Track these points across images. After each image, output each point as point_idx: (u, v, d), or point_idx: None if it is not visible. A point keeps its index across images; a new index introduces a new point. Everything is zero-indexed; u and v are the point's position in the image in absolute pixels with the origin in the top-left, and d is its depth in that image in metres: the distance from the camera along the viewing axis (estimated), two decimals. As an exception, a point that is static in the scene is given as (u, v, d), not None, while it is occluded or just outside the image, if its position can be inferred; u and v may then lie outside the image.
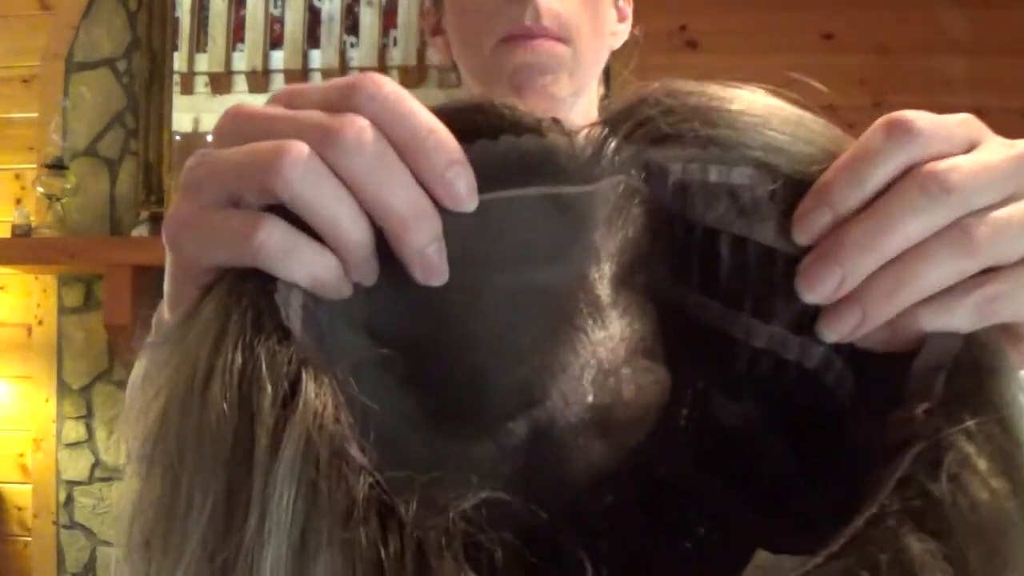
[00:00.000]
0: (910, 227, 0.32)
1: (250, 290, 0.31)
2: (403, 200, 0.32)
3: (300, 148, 0.31)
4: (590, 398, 0.38)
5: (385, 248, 0.33)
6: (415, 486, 0.27)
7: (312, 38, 2.47)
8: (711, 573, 0.36)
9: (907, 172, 0.32)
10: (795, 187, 0.34)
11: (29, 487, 2.43)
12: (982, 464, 0.28)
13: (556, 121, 0.35)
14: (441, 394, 0.37)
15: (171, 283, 0.36)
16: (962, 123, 0.34)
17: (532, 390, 0.38)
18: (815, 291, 0.33)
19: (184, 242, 0.34)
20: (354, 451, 0.27)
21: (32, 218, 2.37)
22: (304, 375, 0.28)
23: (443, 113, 0.34)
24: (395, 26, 2.44)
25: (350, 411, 0.29)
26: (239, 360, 0.28)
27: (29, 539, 2.43)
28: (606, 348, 0.38)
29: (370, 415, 0.32)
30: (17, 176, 2.52)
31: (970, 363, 0.31)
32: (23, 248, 2.31)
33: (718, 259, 0.36)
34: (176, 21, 2.45)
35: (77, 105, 2.46)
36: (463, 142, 0.33)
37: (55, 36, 2.48)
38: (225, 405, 0.27)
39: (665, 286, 0.38)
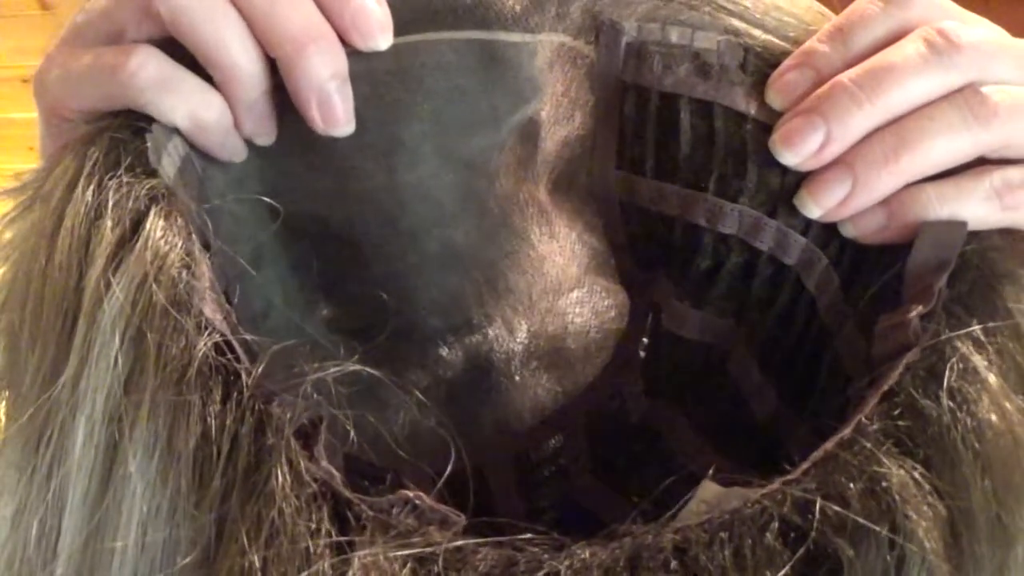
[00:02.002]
0: (912, 82, 0.26)
1: (117, 126, 0.26)
2: (298, 22, 0.27)
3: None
4: (537, 324, 0.34)
5: (285, 109, 0.28)
6: (267, 350, 0.22)
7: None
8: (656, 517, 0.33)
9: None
10: (769, 57, 0.29)
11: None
12: (992, 380, 0.22)
13: None
14: (354, 301, 0.32)
15: (43, 144, 0.31)
16: (963, 10, 0.28)
17: (468, 307, 0.33)
18: (793, 149, 0.28)
19: (49, 84, 0.29)
20: (205, 305, 0.22)
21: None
22: (152, 211, 0.23)
23: None
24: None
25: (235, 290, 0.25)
26: (88, 200, 0.24)
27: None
28: (555, 264, 0.34)
29: (260, 316, 0.28)
30: (17, 176, 2.52)
31: (979, 262, 0.25)
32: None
33: (676, 131, 0.31)
34: (175, 20, 2.45)
35: (77, 105, 2.46)
36: None
37: (55, 36, 2.49)
38: (69, 249, 0.23)
39: (614, 180, 0.33)
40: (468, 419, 0.33)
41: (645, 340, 0.35)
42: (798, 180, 0.28)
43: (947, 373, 0.22)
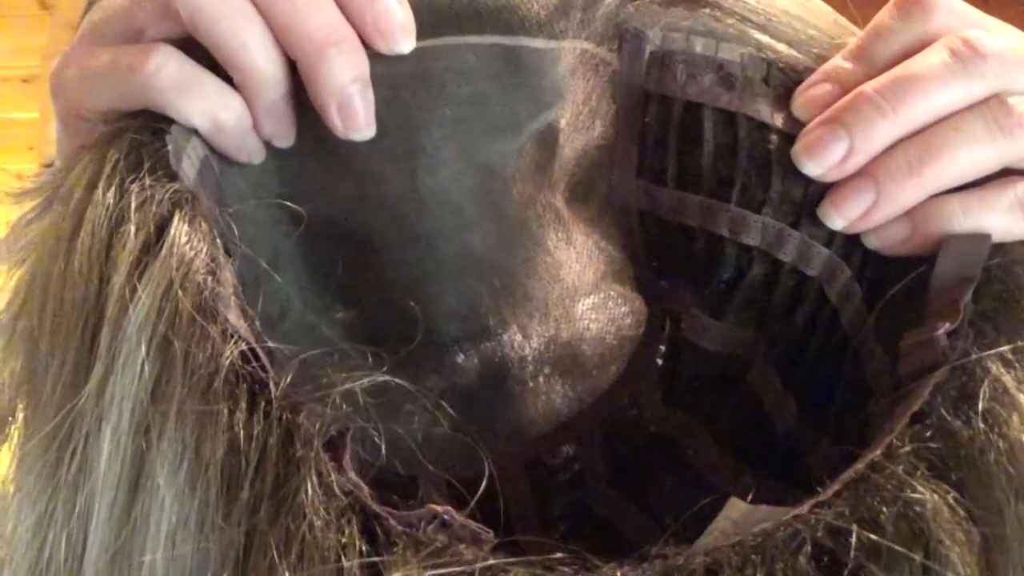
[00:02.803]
0: (937, 92, 0.26)
1: (136, 128, 0.25)
2: (319, 24, 0.26)
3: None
4: (553, 330, 0.33)
5: (305, 111, 0.28)
6: (294, 360, 0.22)
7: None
8: (678, 532, 0.33)
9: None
10: (792, 72, 0.29)
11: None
12: (1023, 400, 0.21)
13: None
14: (371, 306, 0.32)
15: (60, 143, 0.31)
16: (984, 16, 0.28)
17: (485, 315, 0.33)
18: (816, 159, 0.27)
19: (67, 83, 0.28)
20: (230, 312, 0.21)
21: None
22: (176, 216, 0.23)
23: None
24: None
25: (250, 287, 0.24)
26: (110, 203, 0.23)
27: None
28: (571, 271, 0.33)
29: (276, 319, 0.27)
30: (17, 176, 2.50)
31: (1004, 276, 0.24)
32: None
33: (700, 141, 0.31)
34: (176, 22, 2.45)
35: (77, 105, 2.46)
36: None
37: (55, 36, 2.48)
38: (90, 253, 0.23)
39: (634, 190, 0.33)
40: (482, 425, 0.32)
41: (662, 348, 0.35)
42: (822, 191, 0.28)
43: (981, 394, 0.21)
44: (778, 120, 0.29)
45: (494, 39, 0.29)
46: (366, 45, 0.27)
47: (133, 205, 0.23)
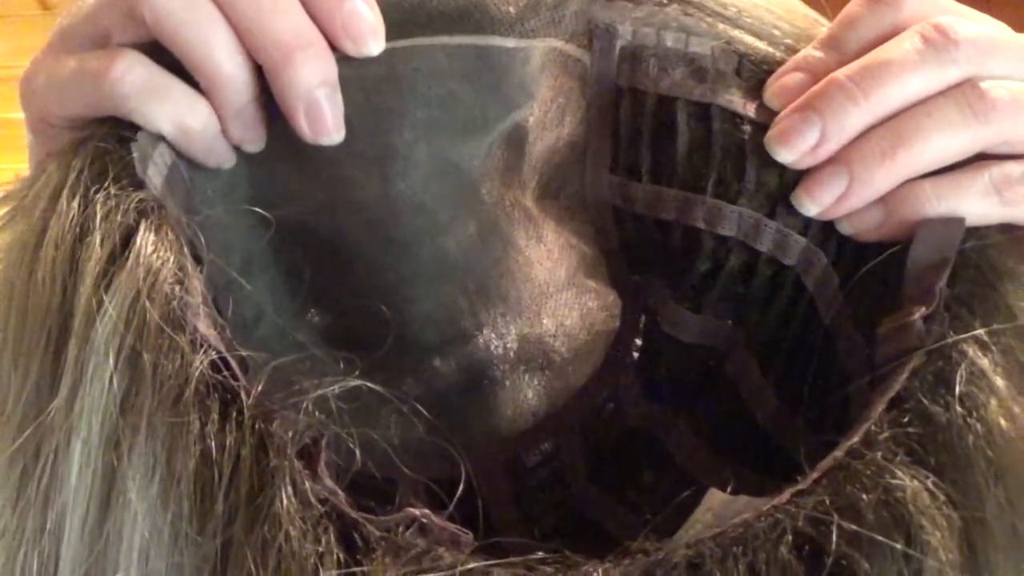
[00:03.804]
0: (909, 78, 0.26)
1: (102, 135, 0.25)
2: (286, 28, 0.26)
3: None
4: (527, 328, 0.33)
5: (275, 115, 0.28)
6: (266, 367, 0.22)
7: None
8: (660, 526, 0.33)
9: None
10: (764, 64, 0.29)
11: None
12: (1000, 382, 0.21)
13: None
14: (346, 311, 0.32)
15: (31, 151, 0.30)
16: (957, 4, 0.28)
17: (460, 317, 0.32)
18: (788, 146, 0.27)
19: (36, 90, 0.28)
20: (199, 321, 0.21)
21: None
22: (143, 225, 0.22)
23: None
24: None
25: (223, 299, 0.24)
26: (74, 213, 0.23)
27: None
28: (543, 268, 0.33)
29: (250, 324, 0.27)
30: (17, 176, 2.52)
31: (978, 260, 0.25)
32: None
33: (673, 134, 0.31)
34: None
35: (78, 104, 2.46)
36: None
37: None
38: (54, 264, 0.22)
39: (607, 186, 0.33)
40: (459, 426, 0.32)
41: (638, 342, 0.35)
42: (796, 179, 0.28)
43: (956, 378, 0.21)
44: (751, 110, 0.29)
45: (465, 39, 0.29)
46: (334, 48, 0.27)
47: (98, 215, 0.23)
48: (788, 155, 0.27)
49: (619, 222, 0.33)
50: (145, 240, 0.22)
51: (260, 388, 0.21)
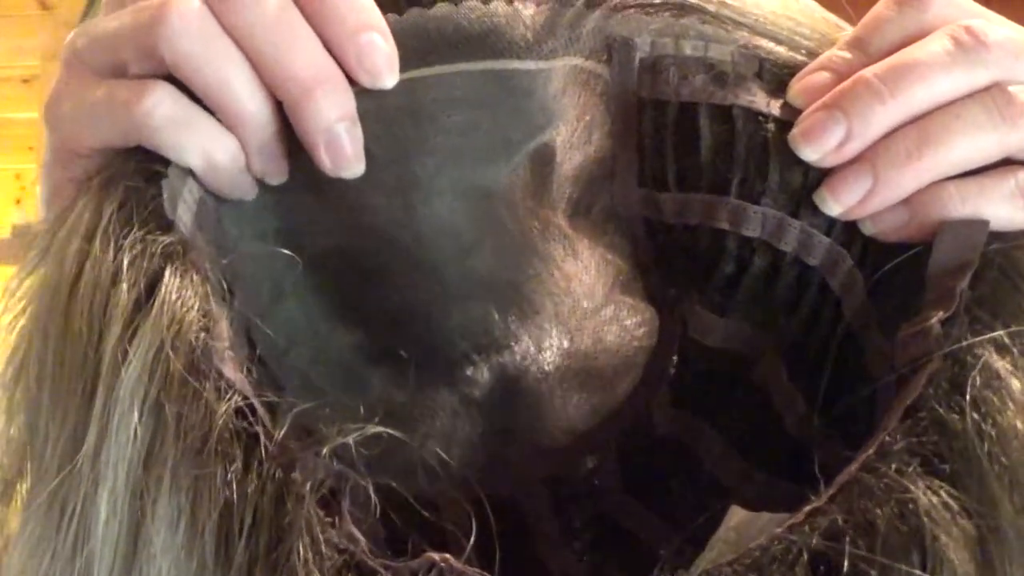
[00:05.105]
0: (938, 79, 0.26)
1: (131, 172, 0.25)
2: (304, 64, 0.26)
3: (188, 2, 0.26)
4: (567, 343, 0.33)
5: (297, 147, 0.28)
6: (287, 411, 0.22)
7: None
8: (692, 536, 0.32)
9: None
10: (785, 68, 0.29)
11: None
12: (1017, 386, 0.21)
13: None
14: (377, 328, 0.32)
15: (49, 173, 0.30)
16: (982, 8, 0.28)
17: (494, 329, 0.32)
18: (813, 144, 0.27)
19: (62, 117, 0.28)
20: (225, 366, 0.21)
21: (33, 218, 2.37)
22: (167, 271, 0.22)
23: None
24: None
25: (251, 334, 0.24)
26: (104, 260, 0.23)
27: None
28: (581, 283, 0.33)
29: (283, 350, 0.27)
30: (17, 176, 2.52)
31: (1002, 262, 0.24)
32: (24, 248, 2.30)
33: (697, 139, 0.30)
34: (176, 20, 2.44)
35: (77, 105, 2.46)
36: (393, 11, 0.28)
37: (55, 36, 2.48)
38: (86, 313, 0.22)
39: (637, 199, 0.33)
40: (500, 440, 0.32)
41: (675, 358, 0.35)
42: (820, 178, 0.28)
43: (970, 382, 0.21)
44: (774, 108, 0.29)
45: (483, 65, 0.29)
46: (352, 81, 0.27)
47: (126, 262, 0.23)
48: (812, 153, 0.27)
49: (652, 234, 0.33)
50: (170, 287, 0.22)
51: (282, 434, 0.21)
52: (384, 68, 0.27)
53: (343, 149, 0.27)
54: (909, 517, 0.19)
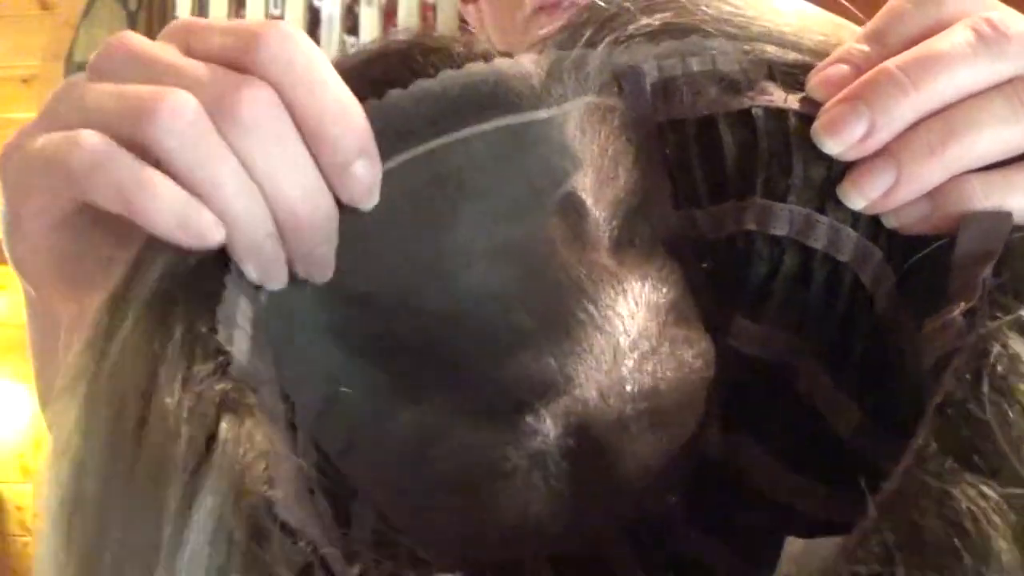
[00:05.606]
0: (961, 72, 0.25)
1: (184, 303, 0.24)
2: (302, 194, 0.26)
3: (187, 99, 0.25)
4: (629, 386, 0.32)
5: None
6: (361, 560, 0.21)
7: (312, 38, 2.46)
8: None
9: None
10: (795, 70, 0.29)
11: (29, 487, 2.43)
12: None
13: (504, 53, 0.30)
14: (438, 401, 0.31)
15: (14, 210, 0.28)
16: (997, 1, 0.28)
17: (553, 376, 0.32)
18: (836, 137, 0.27)
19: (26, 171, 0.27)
20: (292, 517, 0.20)
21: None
22: (225, 422, 0.21)
23: (364, 63, 0.29)
24: (395, 26, 2.44)
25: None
26: (170, 406, 0.22)
27: (29, 539, 2.42)
28: (635, 322, 0.33)
29: (345, 446, 0.27)
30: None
31: None
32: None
33: (720, 149, 0.30)
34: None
35: (77, 105, 2.46)
36: (397, 86, 0.28)
37: (55, 36, 2.48)
38: (152, 477, 0.21)
39: (676, 222, 0.33)
40: (575, 493, 0.32)
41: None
42: (844, 172, 0.28)
43: (992, 369, 0.21)
44: (793, 103, 0.29)
45: (498, 123, 0.29)
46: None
47: (184, 415, 0.22)
48: (835, 146, 0.27)
49: (698, 255, 0.33)
50: (229, 440, 0.21)
51: None
52: (367, 193, 0.28)
53: (322, 267, 0.28)
54: (953, 521, 0.19)
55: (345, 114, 0.27)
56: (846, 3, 0.34)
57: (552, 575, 0.25)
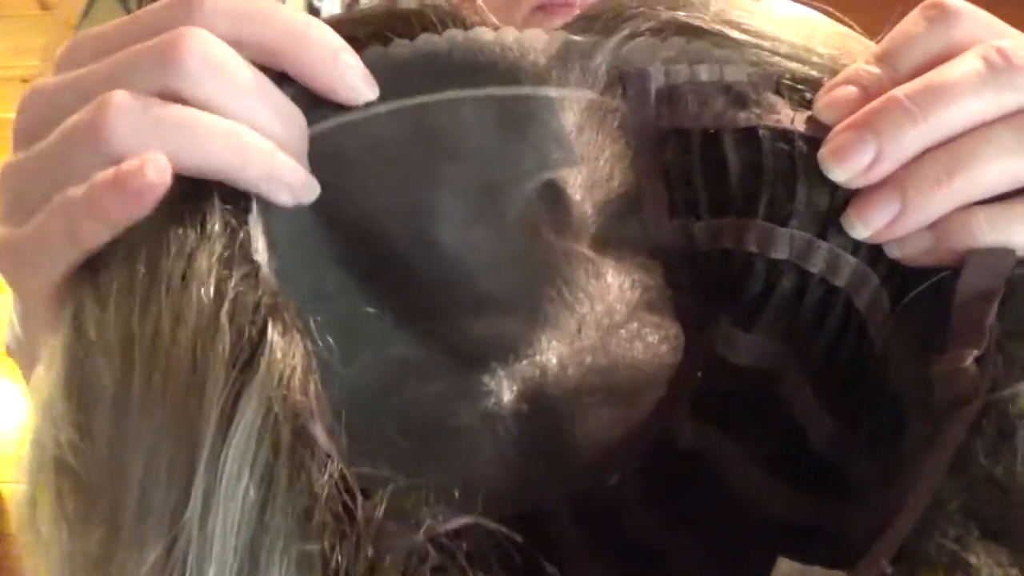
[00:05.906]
0: (970, 102, 0.25)
1: (219, 209, 0.24)
2: (277, 116, 0.26)
3: (119, 99, 0.24)
4: (588, 358, 0.33)
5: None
6: (385, 490, 0.21)
7: (312, 37, 2.46)
8: (721, 559, 0.31)
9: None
10: (803, 85, 0.29)
11: (29, 488, 2.43)
12: None
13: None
14: (398, 342, 0.31)
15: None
16: (1006, 26, 0.28)
17: (511, 339, 0.32)
18: (843, 164, 0.26)
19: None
20: (318, 432, 0.21)
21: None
22: (270, 327, 0.21)
23: (371, 18, 0.29)
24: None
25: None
26: (206, 304, 0.22)
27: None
28: (604, 301, 0.33)
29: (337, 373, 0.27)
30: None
31: None
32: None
33: (724, 166, 0.30)
34: (176, 21, 2.44)
35: (77, 105, 2.46)
36: (403, 38, 0.28)
37: (55, 36, 2.47)
38: (183, 366, 0.21)
39: (670, 230, 0.32)
40: (522, 457, 0.32)
41: (699, 374, 0.35)
42: (847, 199, 0.27)
43: (1019, 432, 0.20)
44: (800, 124, 0.28)
45: (492, 91, 0.29)
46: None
47: (226, 314, 0.22)
48: (841, 173, 0.27)
49: (686, 261, 0.33)
50: (275, 345, 0.21)
51: (381, 514, 0.20)
52: (363, 85, 0.28)
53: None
54: None
55: (310, 24, 0.27)
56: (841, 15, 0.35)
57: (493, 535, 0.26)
